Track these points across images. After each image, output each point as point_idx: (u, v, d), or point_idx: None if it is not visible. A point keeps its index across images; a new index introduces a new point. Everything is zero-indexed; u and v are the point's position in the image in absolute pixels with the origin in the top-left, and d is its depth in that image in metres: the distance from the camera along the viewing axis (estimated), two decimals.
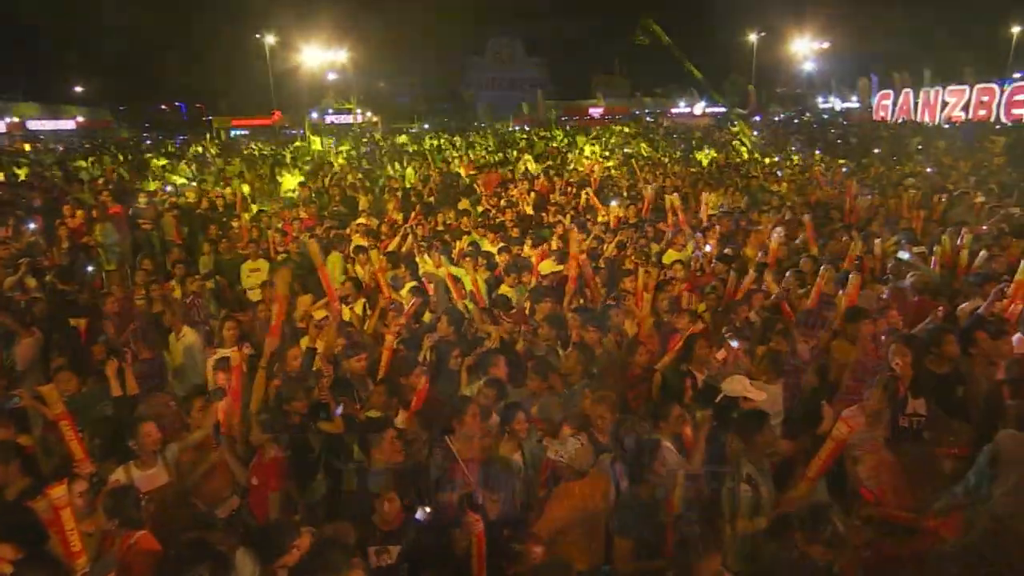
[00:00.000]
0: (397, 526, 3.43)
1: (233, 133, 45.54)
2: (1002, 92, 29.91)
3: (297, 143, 28.37)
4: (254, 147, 28.09)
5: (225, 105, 55.45)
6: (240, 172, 17.14)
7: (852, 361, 5.06)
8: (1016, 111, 28.83)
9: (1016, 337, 4.86)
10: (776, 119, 40.25)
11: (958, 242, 7.53)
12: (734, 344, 5.19)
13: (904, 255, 7.17)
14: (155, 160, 20.65)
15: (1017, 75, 34.83)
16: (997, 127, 24.45)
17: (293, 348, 5.28)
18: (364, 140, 30.38)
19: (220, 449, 4.12)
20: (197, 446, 4.10)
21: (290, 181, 15.67)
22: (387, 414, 4.44)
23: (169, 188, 13.35)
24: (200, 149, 23.82)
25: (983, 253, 7.15)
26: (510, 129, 39.49)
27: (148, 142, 33.34)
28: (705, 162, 20.03)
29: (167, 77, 63.98)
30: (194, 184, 14.77)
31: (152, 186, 14.50)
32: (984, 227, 9.09)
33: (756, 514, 3.61)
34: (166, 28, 65.56)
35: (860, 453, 4.20)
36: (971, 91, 31.18)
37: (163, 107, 66.16)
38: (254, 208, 12.53)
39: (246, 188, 14.24)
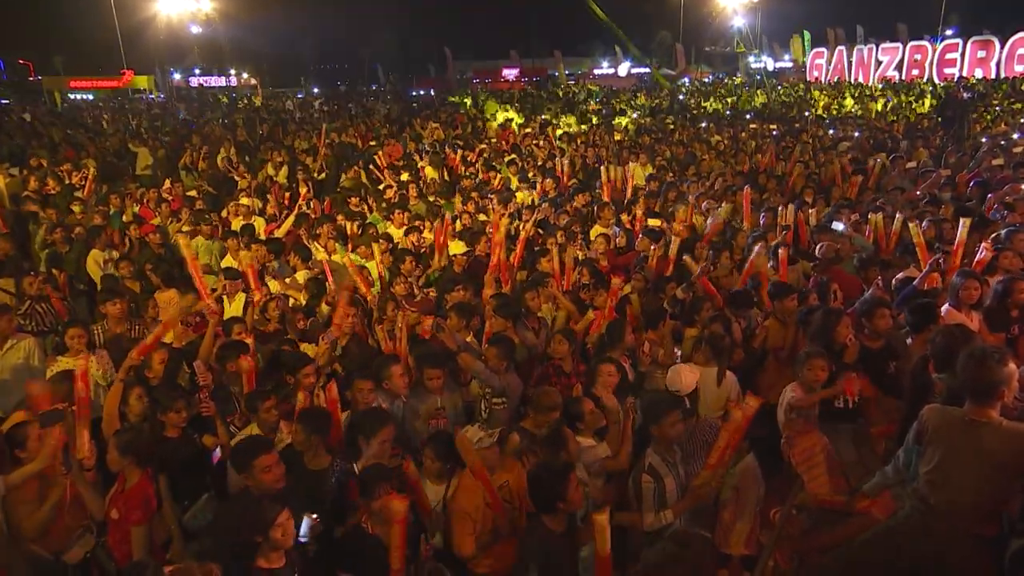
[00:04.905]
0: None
1: (72, 96, 42.50)
2: (934, 50, 32.29)
3: None
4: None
5: (60, 62, 51.48)
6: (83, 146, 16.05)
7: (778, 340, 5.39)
8: (948, 70, 31.26)
9: (944, 308, 5.32)
10: (706, 80, 41.81)
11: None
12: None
13: (839, 226, 7.63)
14: None
15: (949, 32, 37.69)
16: (930, 88, 26.37)
17: (158, 352, 5.06)
18: (241, 106, 29.21)
19: (69, 478, 3.90)
20: (34, 478, 3.84)
21: (145, 157, 14.87)
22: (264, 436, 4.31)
23: None
24: (28, 116, 22.11)
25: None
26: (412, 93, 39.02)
27: None
28: (631, 127, 20.54)
29: None
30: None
31: None
32: (918, 191, 9.87)
33: (662, 507, 3.82)
34: None
35: (792, 435, 4.51)
36: (904, 49, 33.49)
37: None
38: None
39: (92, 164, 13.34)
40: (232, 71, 51.54)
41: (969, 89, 23.41)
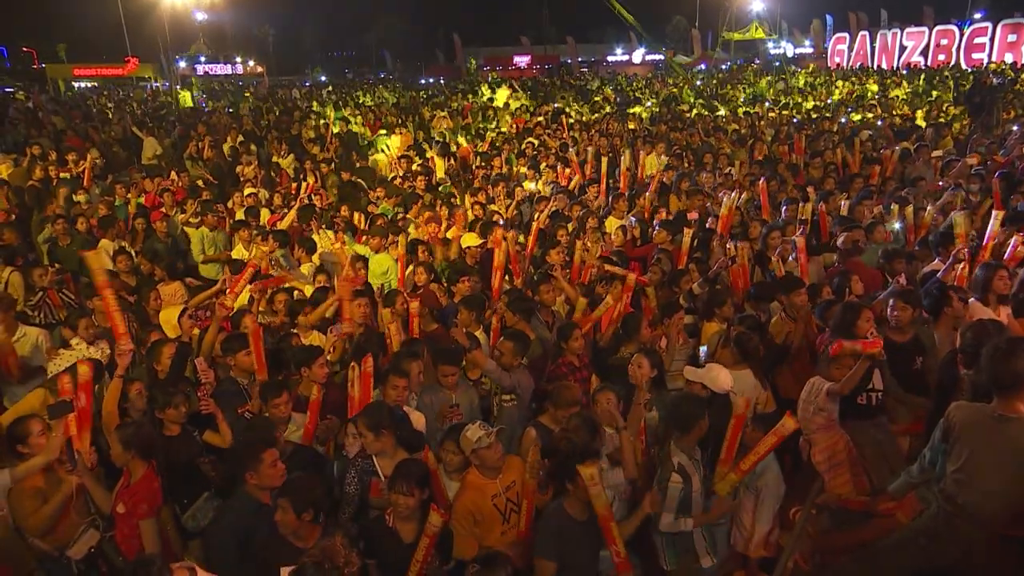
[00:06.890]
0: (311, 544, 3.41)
1: (76, 85, 42.80)
2: (962, 34, 31.73)
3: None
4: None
5: (64, 50, 51.79)
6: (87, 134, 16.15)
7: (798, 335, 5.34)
8: (976, 55, 30.72)
9: (970, 301, 5.25)
10: (723, 67, 41.48)
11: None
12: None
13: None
14: None
15: (978, 15, 37.08)
16: (957, 74, 25.98)
17: (167, 345, 5.09)
18: (247, 95, 29.28)
19: (76, 473, 3.92)
20: (39, 473, 3.87)
21: (152, 146, 14.93)
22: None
23: None
24: (31, 105, 22.23)
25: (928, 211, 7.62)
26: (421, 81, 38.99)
27: None
28: (645, 115, 20.44)
29: None
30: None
31: None
32: (941, 183, 9.76)
33: (686, 512, 3.79)
34: None
35: (813, 433, 4.47)
36: (930, 34, 32.98)
37: None
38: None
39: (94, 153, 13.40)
40: (238, 59, 51.65)
41: (999, 75, 23.04)
